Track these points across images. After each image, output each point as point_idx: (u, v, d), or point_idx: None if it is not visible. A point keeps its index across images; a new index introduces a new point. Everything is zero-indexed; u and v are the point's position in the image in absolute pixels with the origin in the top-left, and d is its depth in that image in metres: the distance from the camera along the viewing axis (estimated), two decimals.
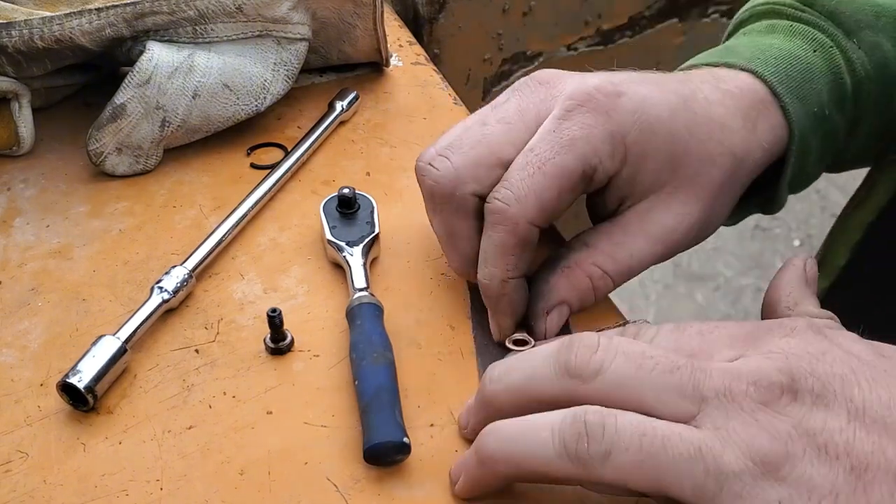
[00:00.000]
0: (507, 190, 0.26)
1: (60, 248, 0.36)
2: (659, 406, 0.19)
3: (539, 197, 0.26)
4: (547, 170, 0.25)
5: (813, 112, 0.30)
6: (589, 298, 0.29)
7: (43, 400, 0.29)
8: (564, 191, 0.26)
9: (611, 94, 0.26)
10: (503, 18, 0.63)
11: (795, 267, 0.25)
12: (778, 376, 0.19)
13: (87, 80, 0.43)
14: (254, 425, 0.29)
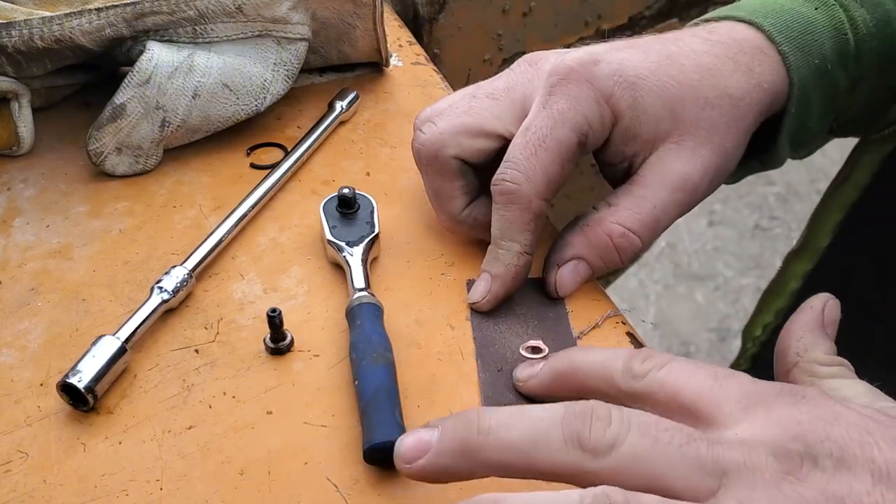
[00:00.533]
0: (515, 170, 0.28)
1: (60, 248, 0.36)
2: (679, 483, 0.18)
3: (545, 172, 0.28)
4: (547, 145, 0.27)
5: (815, 64, 0.30)
6: (612, 257, 0.30)
7: (43, 400, 0.29)
8: (566, 162, 0.28)
9: (588, 63, 0.28)
10: (503, 19, 0.63)
11: (812, 309, 0.25)
12: (794, 444, 0.18)
13: (87, 80, 0.43)
14: (254, 425, 0.29)
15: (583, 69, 0.28)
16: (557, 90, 0.27)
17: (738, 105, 0.29)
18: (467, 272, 0.35)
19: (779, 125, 0.31)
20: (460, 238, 0.36)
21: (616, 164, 0.30)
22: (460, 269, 0.35)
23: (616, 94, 0.28)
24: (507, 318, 0.31)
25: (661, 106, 0.28)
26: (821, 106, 0.31)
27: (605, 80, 0.28)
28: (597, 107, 0.27)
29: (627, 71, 0.28)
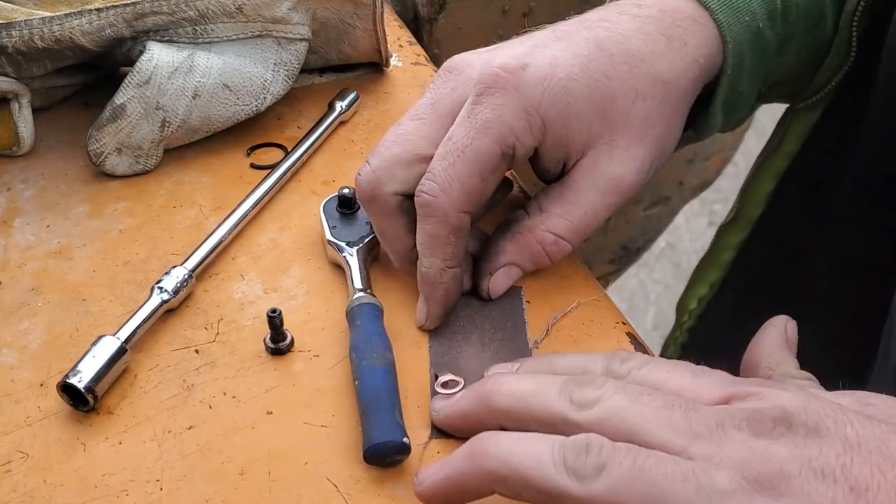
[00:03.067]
0: (432, 182, 0.27)
1: (60, 249, 0.36)
2: (654, 438, 0.19)
3: (463, 184, 0.26)
4: (467, 156, 0.26)
5: (745, 22, 0.29)
6: (543, 261, 0.30)
7: (43, 400, 0.29)
8: (486, 173, 0.27)
9: (515, 70, 0.26)
10: (503, 19, 0.63)
11: (776, 328, 0.25)
12: (771, 411, 0.19)
13: (87, 81, 0.43)
14: (254, 425, 0.29)
15: (510, 76, 0.26)
16: (483, 99, 0.26)
17: (673, 89, 0.28)
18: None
19: (712, 91, 0.30)
20: None
21: (549, 169, 0.29)
22: None
23: (546, 103, 0.26)
24: (465, 328, 0.31)
25: (592, 109, 0.27)
26: (752, 67, 0.30)
27: (534, 87, 0.26)
28: (525, 117, 0.26)
29: (557, 73, 0.26)
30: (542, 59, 0.27)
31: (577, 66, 0.27)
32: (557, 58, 0.27)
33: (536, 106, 0.27)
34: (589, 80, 0.27)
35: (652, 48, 0.28)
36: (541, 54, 0.27)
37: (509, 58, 0.27)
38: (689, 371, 0.22)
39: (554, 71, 0.27)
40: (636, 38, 0.28)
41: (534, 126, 0.27)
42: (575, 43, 0.28)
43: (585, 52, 0.27)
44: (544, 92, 0.26)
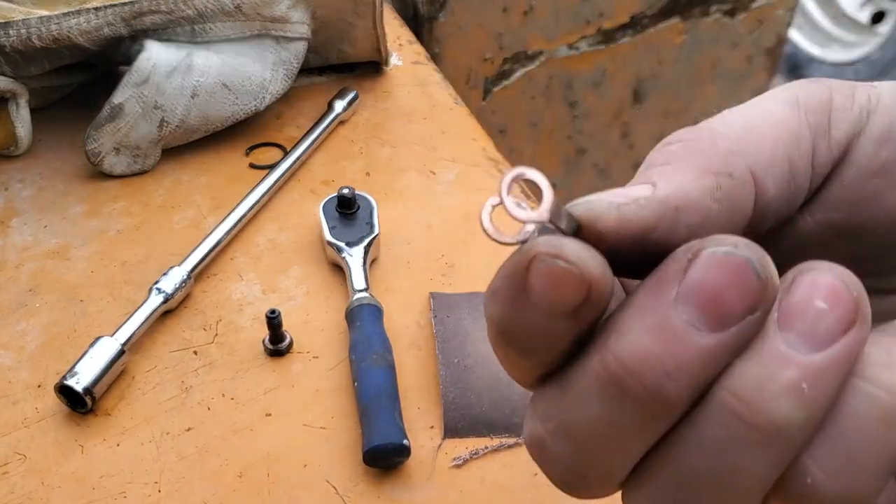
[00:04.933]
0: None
1: (58, 249, 0.36)
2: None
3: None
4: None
5: None
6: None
7: (41, 401, 0.29)
8: None
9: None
10: (504, 17, 0.63)
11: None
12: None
13: (85, 80, 0.42)
14: (253, 427, 0.28)
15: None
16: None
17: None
18: (467, 273, 0.34)
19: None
20: (459, 238, 0.36)
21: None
22: (460, 270, 0.34)
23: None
24: (471, 314, 0.30)
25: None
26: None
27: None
28: None
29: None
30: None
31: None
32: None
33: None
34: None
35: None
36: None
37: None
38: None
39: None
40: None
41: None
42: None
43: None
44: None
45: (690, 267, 0.13)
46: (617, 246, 0.14)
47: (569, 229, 0.14)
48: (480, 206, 0.13)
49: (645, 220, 0.14)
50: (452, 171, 0.40)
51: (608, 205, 0.14)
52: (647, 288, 0.14)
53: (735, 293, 0.13)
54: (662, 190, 0.14)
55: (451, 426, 0.28)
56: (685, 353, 0.13)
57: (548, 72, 0.69)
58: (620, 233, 0.14)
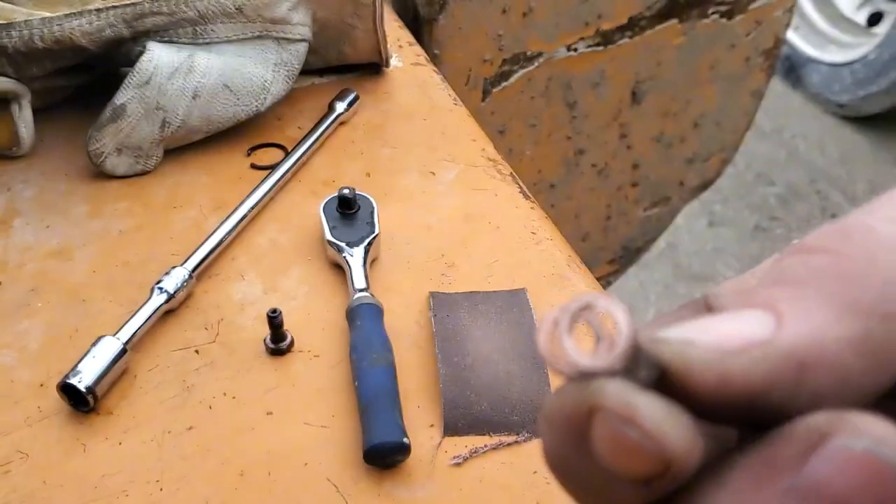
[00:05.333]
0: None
1: (60, 249, 0.36)
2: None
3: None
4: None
5: None
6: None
7: (43, 401, 0.29)
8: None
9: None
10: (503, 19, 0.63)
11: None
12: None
13: (87, 81, 0.43)
14: (254, 426, 0.29)
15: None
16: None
17: None
18: (467, 272, 0.35)
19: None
20: (459, 238, 0.36)
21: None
22: (460, 270, 0.35)
23: None
24: (471, 314, 0.31)
25: None
26: None
27: None
28: None
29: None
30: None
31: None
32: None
33: None
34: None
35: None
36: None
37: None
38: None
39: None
40: None
41: None
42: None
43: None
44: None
45: (812, 458, 0.10)
46: (712, 404, 0.10)
47: (648, 376, 0.10)
48: (543, 321, 0.10)
49: (757, 380, 0.10)
50: (452, 171, 0.40)
51: (707, 352, 0.10)
52: (747, 469, 0.10)
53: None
54: (789, 333, 0.10)
55: (450, 425, 0.28)
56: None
57: (547, 73, 0.69)
58: (720, 393, 0.10)
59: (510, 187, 0.39)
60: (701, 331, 0.11)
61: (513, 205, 0.38)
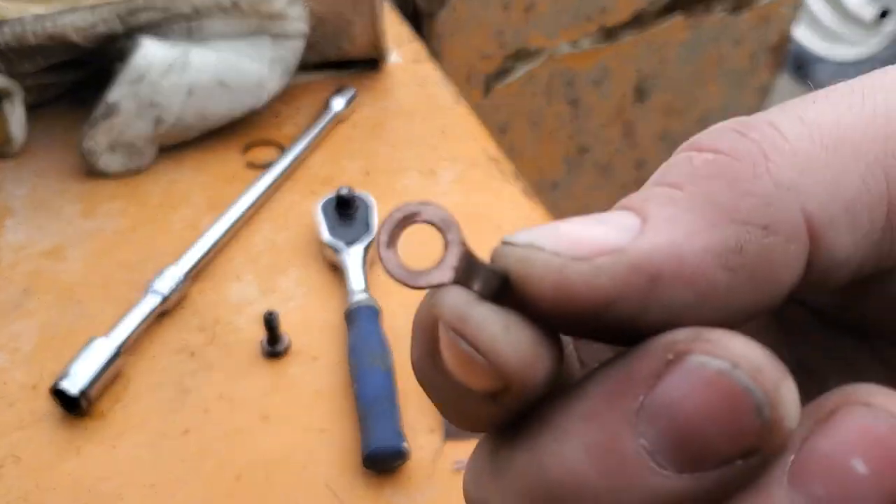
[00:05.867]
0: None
1: (53, 249, 0.36)
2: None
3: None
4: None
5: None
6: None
7: (36, 403, 0.29)
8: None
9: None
10: (505, 14, 0.63)
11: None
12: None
13: (80, 78, 0.42)
14: (250, 430, 0.28)
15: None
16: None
17: None
18: None
19: None
20: None
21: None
22: None
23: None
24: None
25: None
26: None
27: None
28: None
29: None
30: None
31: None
32: None
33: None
34: None
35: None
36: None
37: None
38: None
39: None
40: None
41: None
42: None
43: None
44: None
45: (666, 375, 0.09)
46: (556, 316, 0.09)
47: (488, 288, 0.10)
48: (380, 227, 0.10)
49: (600, 292, 0.09)
50: (453, 170, 0.40)
51: (548, 258, 0.09)
52: (602, 381, 0.10)
53: (721, 431, 0.09)
54: (645, 241, 0.09)
55: (451, 429, 0.27)
56: (634, 495, 0.09)
57: (549, 69, 0.68)
58: (561, 304, 0.09)
59: (512, 187, 0.39)
60: (549, 235, 0.09)
61: (514, 204, 0.38)
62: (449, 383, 0.10)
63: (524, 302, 0.09)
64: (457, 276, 0.09)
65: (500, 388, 0.09)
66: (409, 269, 0.09)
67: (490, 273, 0.10)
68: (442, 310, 0.09)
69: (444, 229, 0.09)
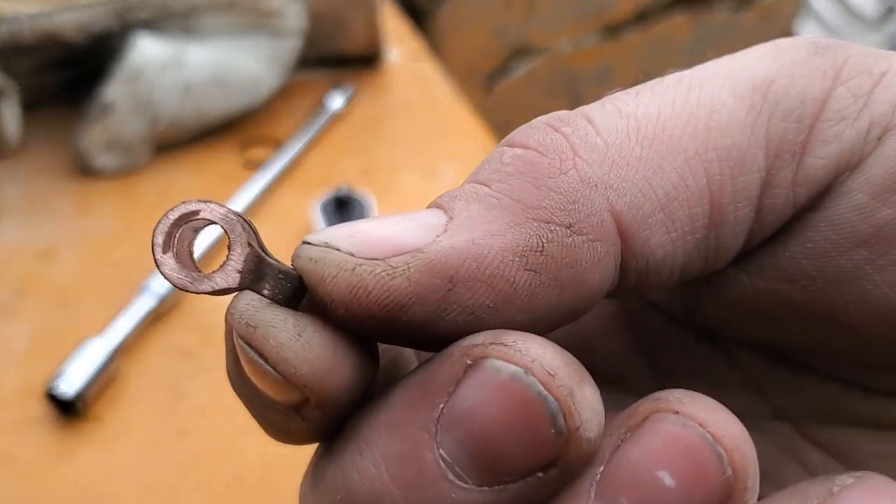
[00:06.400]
0: None
1: (47, 249, 0.35)
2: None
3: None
4: None
5: None
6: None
7: (30, 405, 0.29)
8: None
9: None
10: (506, 11, 0.62)
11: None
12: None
13: (75, 77, 0.42)
14: (248, 432, 0.28)
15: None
16: None
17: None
18: None
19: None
20: None
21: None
22: None
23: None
24: None
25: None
26: None
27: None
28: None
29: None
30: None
31: None
32: None
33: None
34: None
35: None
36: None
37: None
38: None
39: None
40: None
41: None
42: None
43: None
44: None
45: (463, 381, 0.08)
46: (352, 319, 0.09)
47: (281, 291, 0.09)
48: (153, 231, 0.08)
49: (394, 294, 0.08)
50: (453, 169, 0.39)
51: (340, 262, 0.09)
52: (406, 388, 0.09)
53: (517, 442, 0.08)
54: (445, 241, 0.09)
55: None
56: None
57: (551, 67, 0.68)
58: (355, 307, 0.09)
59: None
60: (346, 234, 0.09)
61: None
62: (254, 395, 0.09)
63: (320, 306, 0.09)
64: (243, 279, 0.09)
65: (299, 399, 0.09)
66: (191, 274, 0.09)
67: (283, 275, 0.09)
68: (232, 316, 0.09)
69: (227, 229, 0.09)
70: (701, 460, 0.08)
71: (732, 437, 0.08)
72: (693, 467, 0.08)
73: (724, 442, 0.08)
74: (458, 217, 0.09)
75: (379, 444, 0.09)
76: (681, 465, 0.08)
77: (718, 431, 0.08)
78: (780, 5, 0.76)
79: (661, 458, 0.08)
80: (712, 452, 0.08)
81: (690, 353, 0.12)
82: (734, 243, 0.10)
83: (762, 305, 0.10)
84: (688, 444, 0.08)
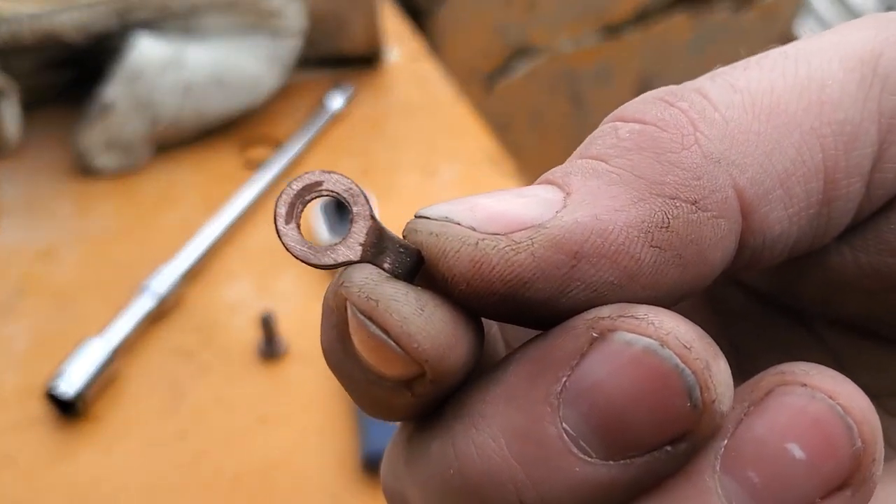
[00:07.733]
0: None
1: (47, 249, 0.35)
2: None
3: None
4: None
5: None
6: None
7: (30, 405, 0.29)
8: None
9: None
10: (506, 11, 0.62)
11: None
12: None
13: (75, 77, 0.42)
14: (247, 432, 0.28)
15: None
16: None
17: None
18: None
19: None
20: None
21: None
22: None
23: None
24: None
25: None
26: None
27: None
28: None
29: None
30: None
31: None
32: None
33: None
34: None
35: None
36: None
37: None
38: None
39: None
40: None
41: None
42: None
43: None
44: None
45: (589, 354, 0.08)
46: (473, 295, 0.08)
47: (401, 265, 0.09)
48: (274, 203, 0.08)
49: (518, 269, 0.08)
50: (453, 169, 0.39)
51: (462, 236, 0.08)
52: (522, 362, 0.09)
53: (649, 415, 0.08)
54: (567, 217, 0.08)
55: None
56: (556, 483, 0.08)
57: (551, 66, 0.68)
58: (477, 282, 0.08)
59: (513, 185, 0.38)
60: (466, 208, 0.09)
61: None
62: (360, 370, 0.09)
63: (440, 280, 0.09)
64: (365, 252, 0.09)
65: (414, 374, 0.09)
66: (313, 246, 0.09)
67: (403, 249, 0.09)
68: (349, 290, 0.09)
69: (349, 201, 0.09)
70: (831, 432, 0.08)
71: (861, 409, 0.08)
72: (823, 439, 0.08)
73: (853, 414, 0.08)
74: (577, 192, 0.09)
75: (496, 418, 0.08)
76: (811, 437, 0.08)
77: (848, 403, 0.08)
78: (780, 5, 0.76)
79: (790, 431, 0.08)
80: (843, 424, 0.08)
81: (772, 330, 0.12)
82: (844, 219, 0.10)
83: (862, 280, 0.10)
84: (817, 416, 0.08)
